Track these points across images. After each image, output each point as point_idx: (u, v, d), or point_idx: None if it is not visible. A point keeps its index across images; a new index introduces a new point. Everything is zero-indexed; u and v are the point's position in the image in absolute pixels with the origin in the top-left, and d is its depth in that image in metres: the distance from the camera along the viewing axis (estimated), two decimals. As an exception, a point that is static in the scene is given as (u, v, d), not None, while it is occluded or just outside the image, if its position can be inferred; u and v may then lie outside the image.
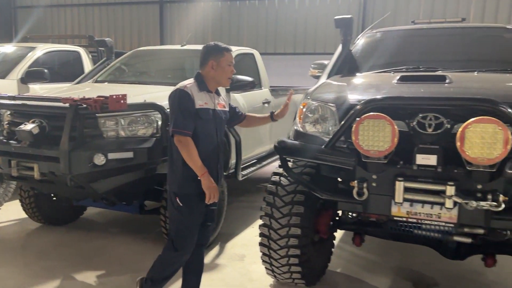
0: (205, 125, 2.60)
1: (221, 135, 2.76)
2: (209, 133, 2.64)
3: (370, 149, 2.38)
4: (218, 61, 2.64)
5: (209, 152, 2.64)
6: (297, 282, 3.29)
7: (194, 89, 2.61)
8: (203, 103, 2.60)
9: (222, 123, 2.77)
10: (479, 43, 3.78)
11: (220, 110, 2.73)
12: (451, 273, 3.65)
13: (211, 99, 2.67)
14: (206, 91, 2.66)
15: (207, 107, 2.62)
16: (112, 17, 11.38)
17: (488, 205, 2.15)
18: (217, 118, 2.69)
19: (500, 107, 2.15)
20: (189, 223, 2.66)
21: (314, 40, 9.38)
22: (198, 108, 2.57)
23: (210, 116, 2.63)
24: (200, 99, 2.60)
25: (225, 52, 2.66)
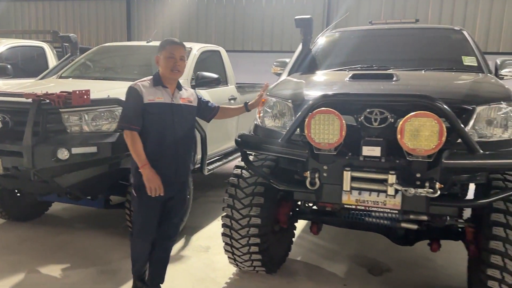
0: (156, 119, 2.68)
1: (183, 129, 2.81)
2: (163, 126, 2.70)
3: (321, 142, 2.55)
4: (160, 55, 2.73)
5: (163, 146, 2.71)
6: (258, 270, 3.44)
7: (147, 85, 2.71)
8: (154, 98, 2.68)
9: (185, 117, 2.82)
10: (429, 43, 4.04)
11: (182, 104, 2.79)
12: (403, 259, 3.89)
13: (167, 94, 2.75)
14: (162, 86, 2.74)
15: (160, 102, 2.69)
16: (78, 12, 11.21)
17: (426, 191, 2.36)
18: (176, 113, 2.75)
19: (436, 102, 2.36)
20: (143, 212, 2.77)
21: (281, 38, 9.57)
22: (146, 103, 2.65)
23: (164, 111, 2.70)
24: (152, 94, 2.69)
25: (167, 46, 2.72)
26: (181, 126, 2.79)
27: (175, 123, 2.74)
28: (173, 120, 2.74)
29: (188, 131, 2.88)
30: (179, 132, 2.78)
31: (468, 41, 3.88)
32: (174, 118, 2.74)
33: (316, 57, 4.13)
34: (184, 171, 2.91)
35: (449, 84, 3.02)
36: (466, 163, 2.40)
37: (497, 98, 2.64)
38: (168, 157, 2.73)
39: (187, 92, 2.92)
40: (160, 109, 2.69)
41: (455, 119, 2.36)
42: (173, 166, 2.77)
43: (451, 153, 2.39)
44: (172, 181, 2.77)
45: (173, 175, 2.76)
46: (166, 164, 2.72)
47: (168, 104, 2.73)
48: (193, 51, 5.02)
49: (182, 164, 2.86)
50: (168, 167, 2.73)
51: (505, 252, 2.61)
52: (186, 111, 2.84)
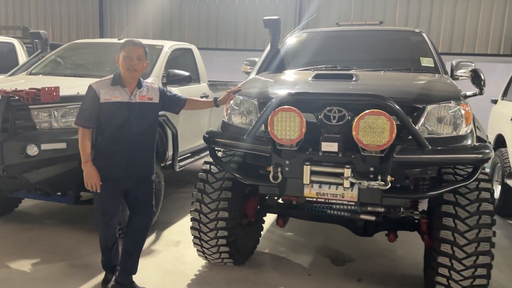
0: (112, 117, 2.82)
1: (140, 127, 2.90)
2: (118, 125, 2.83)
3: (283, 138, 2.69)
4: (119, 55, 2.85)
5: (118, 142, 2.85)
6: (226, 262, 3.57)
7: (105, 84, 2.84)
8: (111, 97, 2.80)
9: (143, 115, 2.91)
10: (390, 44, 4.24)
11: (140, 102, 2.89)
12: (365, 250, 4.08)
13: (125, 93, 2.86)
14: (120, 86, 2.85)
15: (117, 101, 2.81)
16: (49, 8, 11.02)
17: (378, 184, 2.53)
18: (133, 111, 2.85)
19: (387, 102, 2.53)
20: (101, 201, 2.96)
21: (254, 37, 9.69)
22: (102, 103, 2.79)
23: (123, 109, 2.82)
24: (109, 93, 2.81)
25: (126, 46, 2.84)
26: (138, 123, 2.89)
27: (131, 121, 2.85)
28: (130, 118, 2.85)
29: (147, 128, 2.98)
30: (136, 130, 2.88)
31: (427, 43, 4.10)
32: (130, 117, 2.85)
33: (284, 57, 4.27)
34: (140, 167, 2.99)
35: (403, 84, 3.21)
36: (415, 157, 2.58)
37: (447, 98, 2.84)
38: (122, 153, 2.87)
39: (148, 90, 2.99)
40: (116, 107, 2.81)
41: (405, 117, 2.53)
42: (127, 161, 2.89)
43: (402, 148, 2.58)
44: (125, 175, 2.92)
45: (126, 170, 2.90)
46: (120, 160, 2.87)
47: (125, 103, 2.84)
48: (165, 49, 5.09)
49: (138, 160, 2.96)
50: (122, 162, 2.87)
51: (454, 241, 2.83)
52: (145, 108, 2.94)
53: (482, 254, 2.80)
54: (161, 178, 4.44)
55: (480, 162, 2.65)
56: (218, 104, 3.34)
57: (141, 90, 2.94)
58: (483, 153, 2.63)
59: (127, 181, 2.95)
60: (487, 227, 2.82)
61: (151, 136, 3.03)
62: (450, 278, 2.89)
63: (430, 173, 2.87)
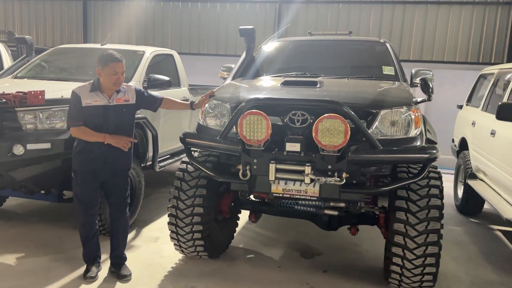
0: (93, 119, 3.13)
1: (117, 126, 3.22)
2: (97, 125, 3.15)
3: (251, 139, 2.96)
4: (103, 69, 3.12)
5: (98, 141, 3.15)
6: (201, 255, 3.82)
7: (85, 89, 3.14)
8: (91, 101, 3.11)
9: (120, 115, 3.23)
10: (356, 53, 4.57)
11: (117, 104, 3.21)
12: (333, 244, 4.38)
13: (104, 97, 3.17)
14: (99, 91, 3.15)
15: (96, 105, 3.13)
16: (33, 12, 11.10)
17: (334, 180, 2.83)
18: (111, 113, 3.18)
19: (342, 107, 2.83)
20: (80, 190, 3.28)
21: (235, 43, 9.96)
22: (83, 106, 3.11)
23: (100, 112, 3.14)
24: (89, 98, 3.12)
25: (110, 63, 3.12)
26: (115, 123, 3.22)
27: (109, 122, 3.18)
28: (107, 119, 3.18)
29: (123, 127, 3.30)
30: (112, 129, 3.21)
31: (389, 53, 4.43)
32: (108, 118, 3.18)
33: (258, 64, 4.56)
34: (116, 161, 3.30)
35: (361, 91, 3.52)
36: (368, 156, 2.88)
37: (399, 103, 3.15)
38: (100, 149, 3.18)
39: (125, 92, 3.30)
40: (95, 110, 3.13)
41: (358, 121, 2.83)
42: (104, 156, 3.21)
43: (357, 148, 2.87)
44: (102, 168, 3.23)
45: (103, 163, 3.22)
46: (98, 155, 3.19)
47: (104, 106, 3.16)
48: (146, 54, 5.32)
49: (114, 155, 3.26)
50: (100, 157, 3.20)
51: (406, 233, 3.13)
52: (121, 110, 3.26)
53: (431, 245, 3.10)
54: (141, 177, 4.66)
55: (427, 161, 2.95)
56: (193, 107, 3.61)
57: (119, 93, 3.24)
58: (430, 153, 2.93)
59: (103, 173, 3.26)
60: (436, 220, 3.11)
61: (127, 133, 3.31)
62: (403, 267, 3.19)
63: (384, 171, 3.18)
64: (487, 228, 5.22)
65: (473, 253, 4.39)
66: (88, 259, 3.43)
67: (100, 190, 3.37)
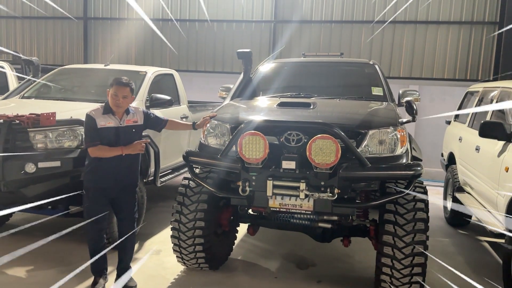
0: (106, 140, 3.37)
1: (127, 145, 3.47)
2: (110, 144, 3.39)
3: (250, 157, 3.20)
4: (109, 89, 3.41)
5: (109, 160, 3.40)
6: (202, 267, 4.02)
7: (99, 112, 3.38)
8: (105, 123, 3.36)
9: (130, 135, 3.49)
10: (347, 75, 4.85)
11: (127, 125, 3.47)
12: (327, 256, 4.60)
13: (116, 119, 3.42)
14: (111, 114, 3.40)
15: (110, 126, 3.38)
16: (35, 31, 11.36)
17: (326, 195, 3.07)
18: (122, 133, 3.44)
19: (333, 129, 3.08)
20: (88, 207, 3.49)
21: (231, 60, 10.27)
22: (99, 128, 3.35)
23: (112, 133, 3.39)
24: (103, 120, 3.36)
25: (114, 85, 3.40)
26: (124, 142, 3.46)
27: (120, 142, 3.43)
28: (119, 139, 3.43)
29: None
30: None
31: (378, 74, 4.71)
32: (119, 138, 3.43)
33: (255, 84, 4.82)
34: (125, 178, 3.55)
35: (352, 112, 3.79)
36: (357, 174, 3.13)
37: (386, 124, 3.41)
38: (111, 167, 3.42)
39: (134, 114, 3.57)
40: (108, 131, 3.38)
41: (347, 141, 3.09)
42: (114, 175, 3.45)
43: (347, 166, 3.12)
44: (112, 186, 3.47)
45: (113, 181, 3.46)
46: (109, 173, 3.42)
47: (115, 127, 3.42)
48: (148, 75, 5.57)
49: (123, 173, 3.51)
50: (110, 175, 3.43)
51: (394, 244, 3.36)
52: (131, 130, 3.53)
53: (418, 255, 3.34)
54: (143, 192, 4.88)
55: (412, 177, 3.21)
56: (196, 127, 3.87)
57: (129, 115, 3.49)
58: (415, 170, 3.19)
59: (114, 190, 3.50)
60: (422, 232, 3.35)
61: (135, 153, 3.54)
62: (392, 276, 3.42)
63: (373, 186, 3.42)
64: (474, 239, 5.46)
65: (460, 263, 4.62)
66: (96, 271, 3.63)
67: (109, 206, 3.58)
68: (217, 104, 6.78)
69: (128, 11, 10.83)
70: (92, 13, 11.10)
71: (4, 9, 10.53)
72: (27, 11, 11.48)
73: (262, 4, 10.12)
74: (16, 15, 11.27)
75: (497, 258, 4.80)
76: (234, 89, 4.70)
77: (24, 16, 11.28)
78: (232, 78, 8.49)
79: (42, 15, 11.24)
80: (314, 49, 9.48)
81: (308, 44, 9.53)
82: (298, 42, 9.64)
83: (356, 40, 9.63)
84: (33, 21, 11.35)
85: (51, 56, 11.23)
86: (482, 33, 9.25)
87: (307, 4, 9.82)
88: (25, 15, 11.37)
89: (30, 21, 11.23)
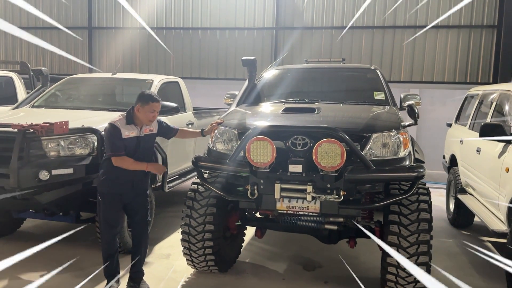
0: (128, 148, 3.49)
1: (144, 153, 3.64)
2: (130, 153, 3.53)
3: (258, 162, 3.31)
4: (143, 107, 3.49)
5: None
6: (212, 269, 4.12)
7: (122, 123, 3.50)
8: (129, 134, 3.49)
9: (147, 144, 3.64)
10: (349, 80, 4.97)
11: (146, 134, 3.61)
12: (333, 258, 4.69)
13: (137, 129, 3.55)
14: (134, 124, 3.52)
15: (132, 136, 3.51)
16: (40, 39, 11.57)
17: (333, 197, 3.18)
18: (142, 142, 3.58)
19: (338, 133, 3.20)
20: (104, 212, 3.60)
21: (234, 67, 10.41)
22: (124, 138, 3.47)
23: (134, 143, 3.52)
24: (127, 130, 3.49)
25: (151, 103, 3.51)
26: (143, 151, 3.63)
27: (140, 150, 3.58)
28: (139, 148, 3.57)
29: (148, 153, 3.73)
30: (141, 156, 3.61)
31: (379, 79, 4.83)
32: (139, 146, 3.58)
33: (260, 91, 4.95)
34: (139, 184, 3.69)
35: (356, 116, 3.90)
36: (362, 176, 3.24)
37: (389, 127, 3.52)
38: (127, 174, 3.54)
39: (151, 123, 3.68)
40: (131, 141, 3.52)
41: (352, 144, 3.20)
42: (131, 181, 3.58)
43: (352, 168, 3.23)
44: (128, 191, 3.60)
45: (130, 187, 3.59)
46: (127, 181, 3.55)
47: (137, 137, 3.56)
48: (155, 83, 5.70)
49: (139, 178, 3.66)
50: (128, 183, 3.56)
51: (399, 244, 3.46)
52: (148, 139, 3.69)
53: (422, 254, 3.43)
54: (152, 198, 4.98)
55: (416, 178, 3.31)
56: (204, 134, 3.99)
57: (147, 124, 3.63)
58: (418, 171, 3.30)
59: (128, 195, 3.63)
60: (425, 232, 3.45)
61: (150, 158, 3.73)
62: (397, 276, 3.52)
63: (377, 188, 3.53)
64: (477, 240, 5.55)
65: (463, 263, 4.71)
66: (109, 274, 3.73)
67: (123, 211, 3.70)
68: (222, 111, 6.92)
69: (132, 21, 11.01)
70: (97, 22, 11.28)
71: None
72: (33, 22, 11.69)
73: (263, 11, 10.29)
74: (22, 26, 11.45)
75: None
76: (240, 96, 4.81)
77: (29, 26, 11.47)
78: (235, 85, 8.65)
79: (48, 25, 11.43)
80: (316, 55, 9.62)
81: (309, 51, 9.68)
82: (300, 49, 9.79)
83: (357, 45, 9.78)
84: (38, 31, 11.53)
85: (57, 65, 11.40)
86: (481, 36, 9.38)
87: (308, 11, 9.98)
88: (31, 25, 11.57)
89: (35, 30, 11.40)
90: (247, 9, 10.33)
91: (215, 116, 6.95)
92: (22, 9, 11.63)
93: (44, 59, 11.48)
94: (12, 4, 11.74)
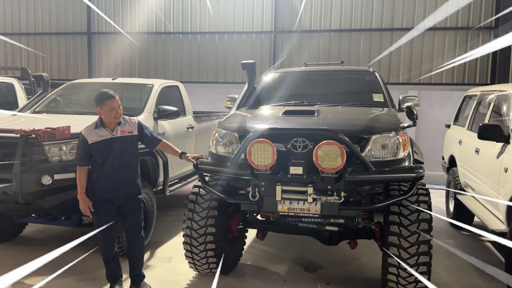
0: (100, 153, 3.50)
1: (122, 155, 3.55)
2: (104, 157, 3.50)
3: (259, 164, 3.34)
4: (102, 108, 3.46)
5: (104, 170, 3.51)
6: (214, 272, 4.14)
7: (90, 129, 3.49)
8: (97, 138, 3.45)
9: (124, 146, 3.56)
10: (348, 82, 5.01)
11: (121, 136, 3.54)
12: (334, 259, 4.72)
13: (108, 131, 3.51)
14: (103, 127, 3.50)
15: (101, 139, 3.48)
16: (40, 46, 11.58)
17: (333, 199, 3.21)
18: (117, 143, 3.52)
19: (338, 135, 3.23)
20: (96, 218, 3.58)
21: (232, 71, 10.46)
22: (90, 144, 3.46)
23: (106, 145, 3.49)
24: (94, 135, 3.46)
25: (106, 101, 3.45)
26: (120, 153, 3.56)
27: (114, 152, 3.52)
28: (113, 150, 3.51)
29: (128, 156, 3.61)
30: (118, 158, 3.55)
31: (378, 81, 4.87)
32: (113, 149, 3.51)
33: (259, 94, 4.98)
34: (126, 188, 3.63)
35: (355, 118, 3.93)
36: (362, 177, 3.26)
37: (388, 129, 3.56)
38: (108, 178, 3.53)
39: (128, 124, 3.64)
40: (101, 144, 3.48)
41: (352, 146, 3.23)
42: (114, 184, 3.54)
43: (352, 170, 3.26)
44: (114, 196, 3.57)
45: (113, 190, 3.55)
46: (109, 183, 3.53)
47: (108, 139, 3.51)
48: (155, 87, 5.73)
49: (123, 183, 3.60)
50: (108, 185, 3.53)
51: (399, 244, 3.48)
52: (125, 141, 3.60)
53: (422, 254, 3.45)
54: (153, 201, 5.01)
55: (415, 179, 3.34)
56: (181, 157, 3.92)
57: (121, 125, 3.58)
58: (417, 172, 3.32)
59: (117, 200, 3.60)
60: (426, 232, 3.47)
61: (133, 162, 3.66)
62: (398, 276, 3.54)
63: (377, 189, 3.56)
64: (476, 240, 5.58)
65: (463, 263, 4.73)
66: (110, 278, 3.75)
67: (117, 215, 3.68)
68: (221, 114, 6.96)
69: (131, 25, 11.06)
70: (96, 27, 11.34)
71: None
72: (32, 28, 11.75)
73: (262, 15, 10.35)
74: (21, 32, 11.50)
75: (500, 258, 4.92)
76: (240, 99, 4.84)
77: (29, 32, 11.51)
78: (234, 88, 8.70)
79: (47, 31, 11.47)
80: (314, 58, 9.67)
81: (308, 53, 9.74)
82: (298, 52, 9.84)
83: (355, 48, 9.84)
84: (38, 36, 11.58)
85: (56, 70, 11.43)
86: (478, 38, 9.44)
87: (306, 14, 10.05)
88: (30, 31, 11.62)
89: (35, 36, 11.45)
90: (245, 13, 10.40)
91: (215, 119, 6.98)
92: (22, 15, 11.71)
93: (44, 64, 11.52)
94: (12, 10, 11.79)
